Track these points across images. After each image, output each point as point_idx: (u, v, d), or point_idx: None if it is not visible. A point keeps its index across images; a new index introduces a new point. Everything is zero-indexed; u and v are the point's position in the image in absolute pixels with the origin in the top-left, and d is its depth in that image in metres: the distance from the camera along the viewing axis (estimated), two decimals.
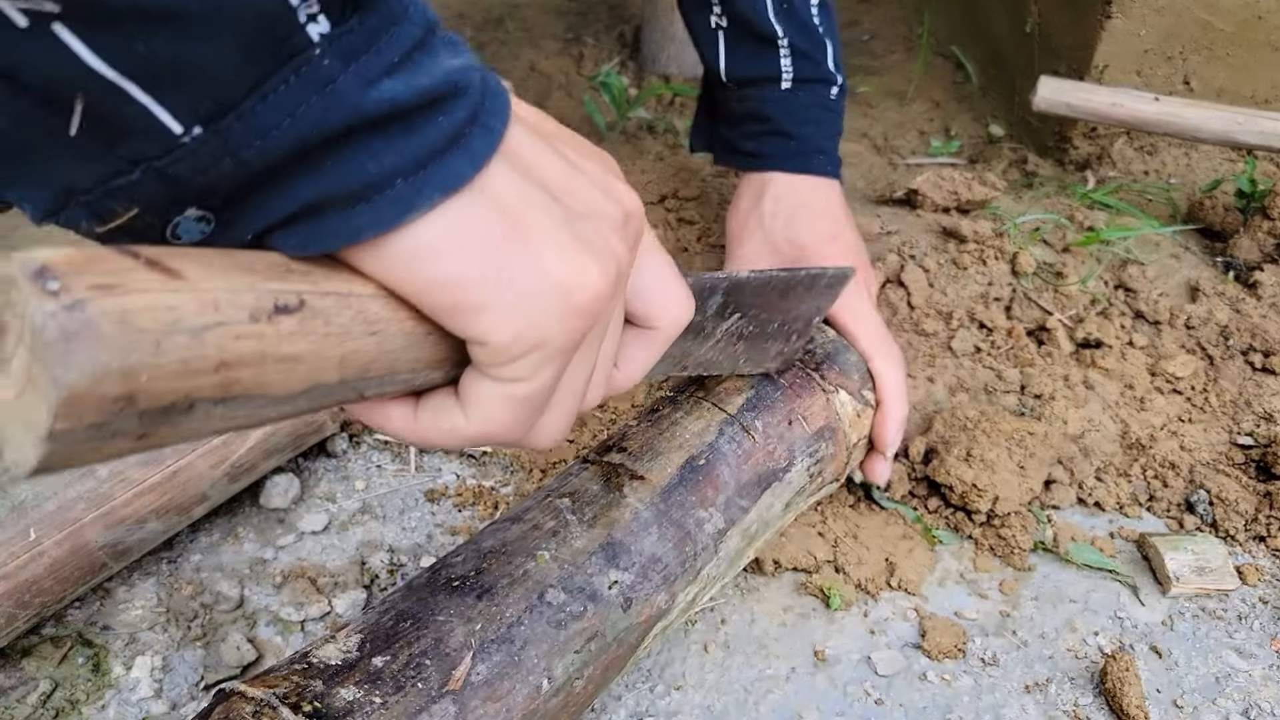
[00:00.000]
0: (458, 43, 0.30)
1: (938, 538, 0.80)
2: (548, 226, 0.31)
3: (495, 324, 0.30)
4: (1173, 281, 1.00)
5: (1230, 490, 0.83)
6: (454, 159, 0.28)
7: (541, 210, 0.31)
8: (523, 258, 0.30)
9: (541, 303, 0.30)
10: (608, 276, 0.32)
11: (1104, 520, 0.84)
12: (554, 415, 0.35)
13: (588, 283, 0.31)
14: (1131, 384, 0.91)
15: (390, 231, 0.28)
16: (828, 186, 0.80)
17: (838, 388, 0.70)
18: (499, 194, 0.30)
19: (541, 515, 0.55)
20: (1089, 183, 1.20)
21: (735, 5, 0.79)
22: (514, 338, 0.30)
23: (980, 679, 0.71)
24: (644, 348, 0.41)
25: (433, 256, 0.29)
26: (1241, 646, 0.73)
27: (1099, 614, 0.76)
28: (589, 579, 0.53)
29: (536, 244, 0.30)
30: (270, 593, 0.75)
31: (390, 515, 0.82)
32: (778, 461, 0.65)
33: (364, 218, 0.28)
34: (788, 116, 0.80)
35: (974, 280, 0.97)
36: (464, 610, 0.48)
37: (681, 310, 0.40)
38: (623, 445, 0.61)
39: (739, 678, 0.70)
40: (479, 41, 1.57)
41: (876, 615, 0.75)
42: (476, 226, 0.29)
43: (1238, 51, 1.17)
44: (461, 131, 0.29)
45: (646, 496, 0.57)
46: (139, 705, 0.67)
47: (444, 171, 0.28)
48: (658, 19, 1.46)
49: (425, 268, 0.29)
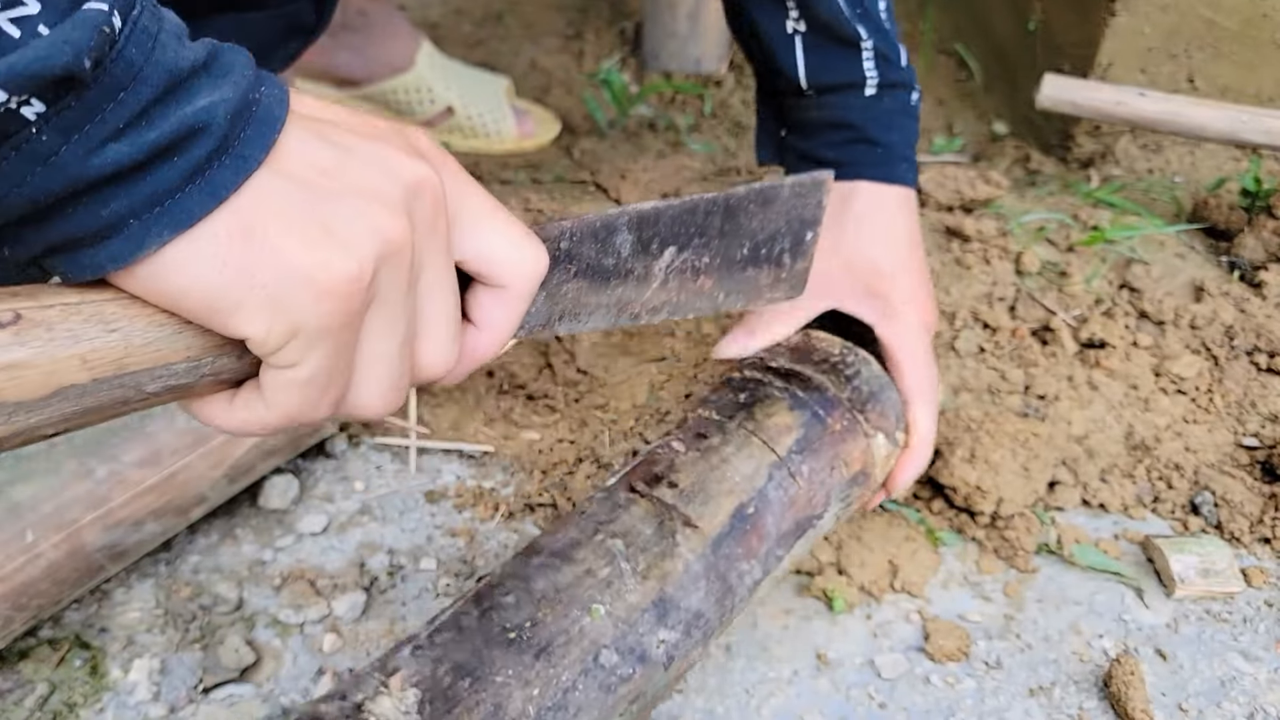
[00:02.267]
0: (227, 71, 0.33)
1: (941, 540, 0.80)
2: (294, 219, 0.33)
3: (248, 319, 0.33)
4: (1177, 281, 0.99)
5: (1235, 492, 0.82)
6: (189, 197, 0.32)
7: (291, 207, 0.33)
8: (264, 254, 0.33)
9: (288, 292, 0.33)
10: (358, 256, 0.34)
11: (1108, 522, 0.83)
12: (367, 387, 0.38)
13: (332, 264, 0.33)
14: (1136, 384, 0.90)
15: (133, 263, 0.32)
16: (908, 197, 0.77)
17: (877, 430, 0.68)
18: (252, 206, 0.33)
19: (594, 559, 0.54)
20: (1093, 181, 1.19)
21: (814, 8, 0.75)
22: (268, 329, 0.33)
23: (984, 682, 0.70)
24: (501, 307, 0.43)
25: (177, 273, 0.32)
26: (1247, 649, 0.73)
27: (1103, 616, 0.75)
28: (640, 639, 0.52)
29: (277, 240, 0.33)
30: (269, 595, 0.74)
31: (390, 516, 0.81)
32: (815, 509, 0.64)
33: (104, 254, 0.31)
34: (873, 123, 0.77)
35: (978, 280, 0.97)
36: (521, 671, 0.48)
37: (529, 264, 0.42)
38: (673, 480, 0.59)
39: (741, 680, 0.69)
40: (478, 37, 1.56)
41: (880, 618, 0.74)
42: (217, 239, 0.32)
43: (1242, 49, 1.16)
44: (200, 169, 0.32)
45: (698, 548, 0.57)
46: (137, 708, 0.67)
47: (177, 209, 0.31)
48: (659, 15, 1.45)
49: (172, 283, 0.32)
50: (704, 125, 1.40)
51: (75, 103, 0.29)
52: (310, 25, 0.78)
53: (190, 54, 0.32)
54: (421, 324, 0.40)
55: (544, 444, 0.87)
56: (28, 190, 0.30)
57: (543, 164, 1.28)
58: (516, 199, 1.03)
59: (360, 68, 1.22)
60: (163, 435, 0.71)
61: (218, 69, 0.33)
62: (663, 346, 0.94)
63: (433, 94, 1.23)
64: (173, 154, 0.31)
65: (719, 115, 1.42)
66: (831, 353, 0.70)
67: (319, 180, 0.34)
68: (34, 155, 0.29)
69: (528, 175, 1.21)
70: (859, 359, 0.70)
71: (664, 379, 0.92)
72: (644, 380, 0.91)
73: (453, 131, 1.26)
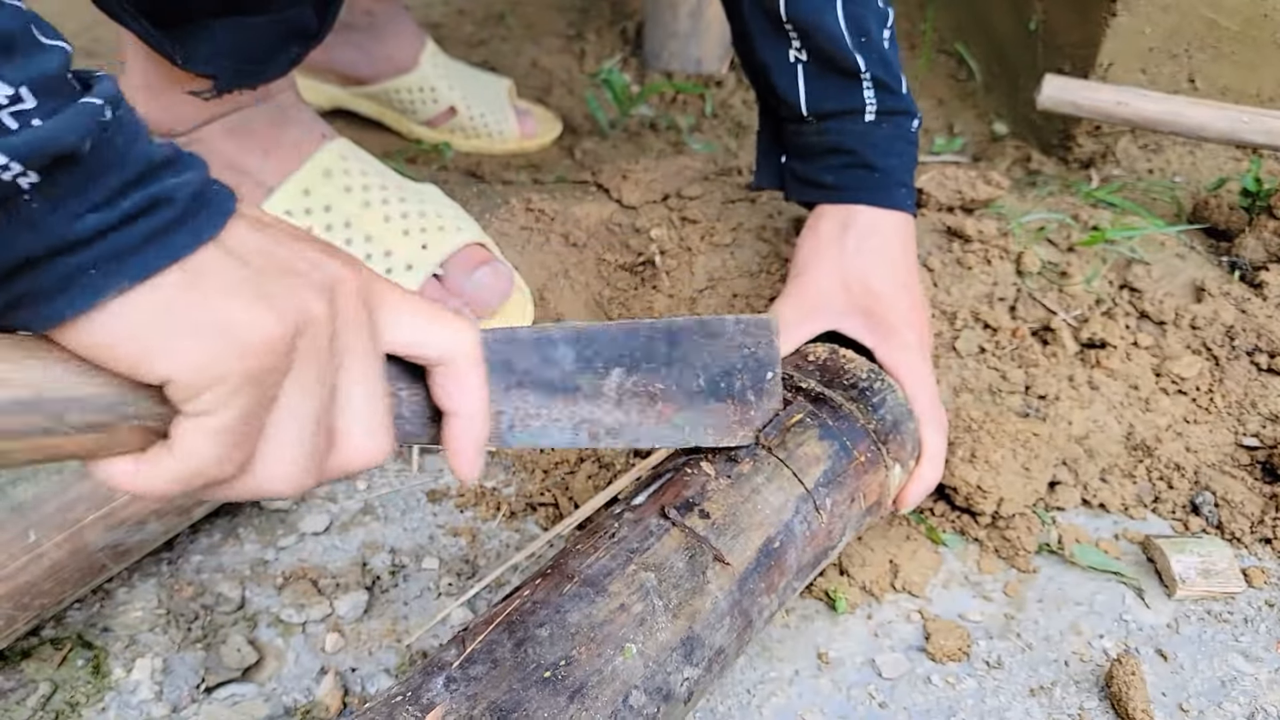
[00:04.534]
0: (188, 168, 0.38)
1: (942, 540, 0.80)
2: (232, 284, 0.38)
3: (177, 364, 0.36)
4: (1178, 281, 0.99)
5: (1236, 492, 0.82)
6: (147, 253, 0.36)
7: (230, 275, 0.38)
8: (202, 310, 0.37)
9: (218, 342, 0.37)
10: (284, 321, 0.38)
11: (1109, 522, 0.83)
12: (276, 453, 0.41)
13: (261, 324, 0.38)
14: (1136, 385, 0.90)
15: (89, 309, 0.35)
16: (905, 222, 0.79)
17: (895, 461, 0.69)
18: (199, 270, 0.37)
19: (627, 593, 0.54)
20: (1093, 181, 1.20)
21: (815, 38, 0.77)
22: (195, 371, 0.37)
23: (984, 682, 0.70)
24: (457, 381, 0.46)
25: (123, 318, 0.36)
26: (1248, 650, 0.73)
27: (1104, 617, 0.75)
28: (667, 678, 0.53)
29: (216, 299, 0.37)
30: (271, 594, 0.75)
31: (392, 516, 0.82)
32: (833, 540, 0.65)
33: (63, 301, 0.35)
34: (872, 149, 0.79)
35: (978, 280, 0.97)
36: (556, 714, 0.48)
37: (460, 334, 0.46)
38: (705, 510, 0.59)
39: (742, 680, 0.69)
40: (480, 37, 1.57)
41: (880, 618, 0.75)
42: (163, 289, 0.36)
43: (1243, 49, 1.16)
44: (160, 233, 0.36)
45: (726, 585, 0.57)
46: (139, 708, 0.67)
47: (137, 262, 0.36)
48: (660, 15, 1.45)
49: (115, 328, 0.36)
50: (705, 125, 1.40)
51: (65, 178, 0.34)
52: (313, 30, 0.78)
53: (160, 150, 0.38)
54: (343, 407, 0.43)
55: None
56: (13, 250, 0.34)
57: (544, 164, 1.28)
58: (518, 199, 1.03)
59: (365, 66, 1.22)
60: None
61: (181, 165, 0.38)
62: None
63: (436, 94, 1.23)
64: (139, 219, 0.36)
65: (720, 115, 1.42)
66: (860, 377, 0.70)
67: (256, 260, 0.39)
68: (23, 220, 0.33)
69: (529, 176, 1.21)
70: (885, 385, 0.71)
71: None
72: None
73: (455, 131, 1.26)
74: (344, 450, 0.43)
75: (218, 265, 0.38)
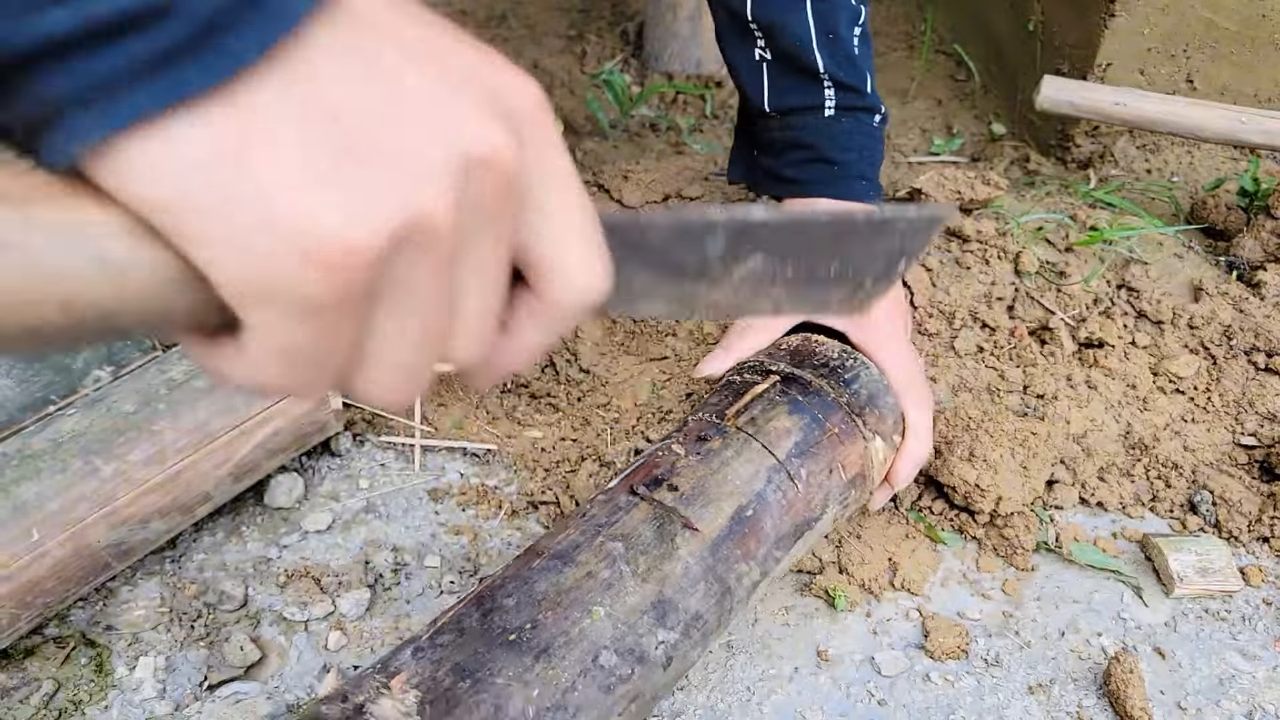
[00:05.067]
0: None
1: (941, 538, 0.80)
2: (295, 158, 0.25)
3: (213, 260, 0.26)
4: (1175, 281, 1.00)
5: (1234, 491, 0.82)
6: (140, 91, 0.24)
7: (288, 135, 0.25)
8: (248, 187, 0.25)
9: (265, 244, 0.25)
10: (369, 223, 0.26)
11: (1107, 520, 0.83)
12: (372, 377, 0.31)
13: (330, 225, 0.25)
14: (1134, 384, 0.91)
15: (115, 137, 0.24)
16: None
17: (875, 434, 0.69)
18: (253, 108, 0.25)
19: (595, 561, 0.54)
20: (1091, 181, 1.20)
21: (779, 39, 0.79)
22: (233, 281, 0.26)
23: (983, 680, 0.71)
24: (534, 322, 0.34)
25: (152, 171, 0.25)
26: (1245, 648, 0.73)
27: (1102, 615, 0.76)
28: (639, 640, 0.53)
29: (270, 175, 0.25)
30: (274, 592, 0.75)
31: (394, 514, 0.82)
32: (813, 511, 0.65)
33: (91, 119, 0.24)
34: (830, 143, 0.81)
35: (977, 280, 0.97)
36: (521, 673, 0.48)
37: (588, 293, 0.33)
38: (673, 483, 0.60)
39: (742, 677, 0.70)
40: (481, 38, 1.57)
41: (879, 615, 0.75)
42: (201, 142, 0.25)
43: (1241, 50, 1.17)
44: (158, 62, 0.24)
45: (697, 550, 0.57)
46: (142, 706, 0.67)
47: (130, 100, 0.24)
48: (661, 16, 1.46)
49: (146, 184, 0.25)
50: (706, 126, 1.41)
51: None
52: None
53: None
54: (450, 324, 0.31)
55: (547, 442, 0.87)
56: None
57: None
58: None
59: None
60: (168, 434, 0.71)
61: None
62: (664, 346, 0.95)
63: None
64: (120, 35, 0.24)
65: (720, 116, 1.43)
66: (830, 356, 0.71)
67: (346, 116, 0.26)
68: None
69: None
70: (858, 363, 0.71)
71: (665, 378, 0.92)
72: (646, 379, 0.92)
73: None
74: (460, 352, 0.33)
75: (271, 115, 0.25)
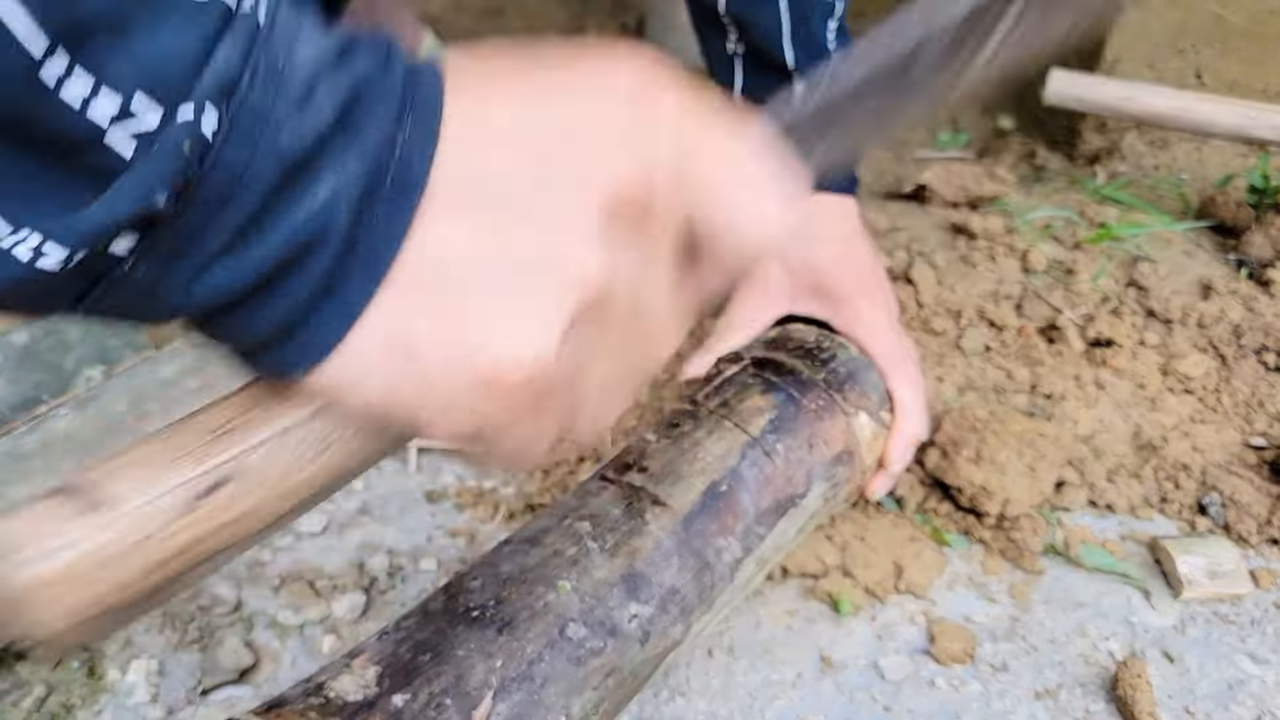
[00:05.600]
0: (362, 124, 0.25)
1: (946, 541, 0.79)
2: (446, 311, 0.27)
3: (429, 425, 0.29)
4: (1185, 279, 0.98)
5: (1243, 492, 0.81)
6: (321, 322, 0.27)
7: (437, 298, 0.27)
8: (418, 366, 0.27)
9: (459, 398, 0.28)
10: (535, 337, 0.27)
11: (1115, 523, 0.82)
12: (596, 408, 0.33)
13: (503, 358, 0.27)
14: (1143, 384, 0.90)
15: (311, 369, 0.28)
16: (839, 203, 0.79)
17: (858, 410, 0.68)
18: (398, 297, 0.27)
19: (561, 540, 0.53)
20: (1099, 177, 1.19)
21: (751, 33, 0.78)
22: (450, 434, 0.29)
23: (989, 685, 0.69)
24: (712, 276, 0.33)
25: (348, 388, 0.28)
26: (1255, 652, 0.72)
27: (1110, 618, 0.75)
28: (609, 612, 0.52)
29: (429, 344, 0.27)
30: (268, 595, 0.74)
31: (390, 516, 0.81)
32: (796, 487, 0.64)
33: (294, 353, 0.27)
34: None
35: (984, 277, 0.96)
36: (484, 645, 0.47)
37: (754, 245, 0.32)
38: (643, 465, 0.59)
39: (744, 683, 0.69)
40: (478, 32, 1.55)
41: (884, 619, 0.74)
42: (362, 357, 0.27)
43: (1250, 45, 1.15)
44: (324, 288, 0.26)
45: (669, 525, 0.56)
46: (135, 710, 0.66)
47: (308, 339, 0.27)
48: (661, 8, 1.44)
49: (346, 398, 0.29)
50: None
51: (168, 231, 0.24)
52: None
53: (317, 115, 0.24)
54: (643, 338, 0.32)
55: None
56: (133, 314, 0.26)
57: None
58: None
59: None
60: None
61: (351, 125, 0.25)
62: None
63: None
64: (286, 276, 0.25)
65: None
66: (806, 340, 0.71)
67: (481, 242, 0.26)
68: (132, 288, 0.24)
69: None
70: (835, 344, 0.71)
71: (666, 377, 0.91)
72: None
73: None
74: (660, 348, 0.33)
75: (418, 286, 0.26)
